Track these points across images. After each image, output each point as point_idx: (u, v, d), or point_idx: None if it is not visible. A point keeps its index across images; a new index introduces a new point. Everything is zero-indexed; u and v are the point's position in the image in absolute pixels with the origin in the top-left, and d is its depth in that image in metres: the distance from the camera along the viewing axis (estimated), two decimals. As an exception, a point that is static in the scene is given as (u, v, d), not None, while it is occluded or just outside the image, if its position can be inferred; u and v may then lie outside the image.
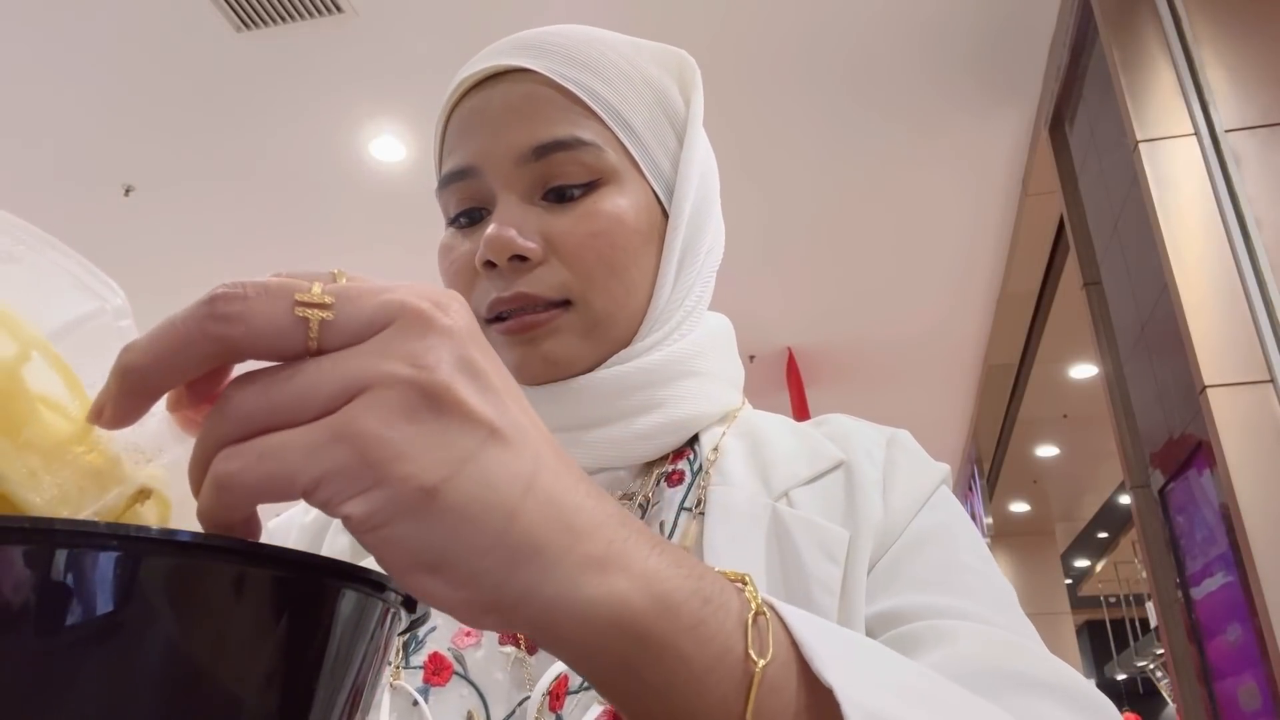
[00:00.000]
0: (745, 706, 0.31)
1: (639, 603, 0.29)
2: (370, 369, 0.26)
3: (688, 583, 0.31)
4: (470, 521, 0.27)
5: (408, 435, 0.26)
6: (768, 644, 0.31)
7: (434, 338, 0.27)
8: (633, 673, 0.30)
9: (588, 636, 0.29)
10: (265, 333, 0.26)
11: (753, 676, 0.31)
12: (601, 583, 0.28)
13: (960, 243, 4.26)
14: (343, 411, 0.26)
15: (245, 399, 0.26)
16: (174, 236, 4.21)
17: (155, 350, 0.26)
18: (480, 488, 0.27)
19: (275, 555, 0.26)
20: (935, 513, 0.55)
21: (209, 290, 0.26)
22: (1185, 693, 2.47)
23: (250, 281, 0.27)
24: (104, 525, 0.24)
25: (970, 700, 0.37)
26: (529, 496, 0.28)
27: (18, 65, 3.24)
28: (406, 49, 3.16)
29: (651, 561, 0.30)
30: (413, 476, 0.26)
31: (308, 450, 0.25)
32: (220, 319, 0.26)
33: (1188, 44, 2.34)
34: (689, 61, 0.65)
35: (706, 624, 0.31)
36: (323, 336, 0.27)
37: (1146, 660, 8.41)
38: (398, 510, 0.26)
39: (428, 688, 0.53)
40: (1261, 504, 1.98)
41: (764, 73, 3.25)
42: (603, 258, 0.56)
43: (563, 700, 0.50)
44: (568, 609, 0.28)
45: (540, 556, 0.28)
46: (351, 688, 0.29)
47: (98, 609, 0.24)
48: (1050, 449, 6.40)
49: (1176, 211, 2.26)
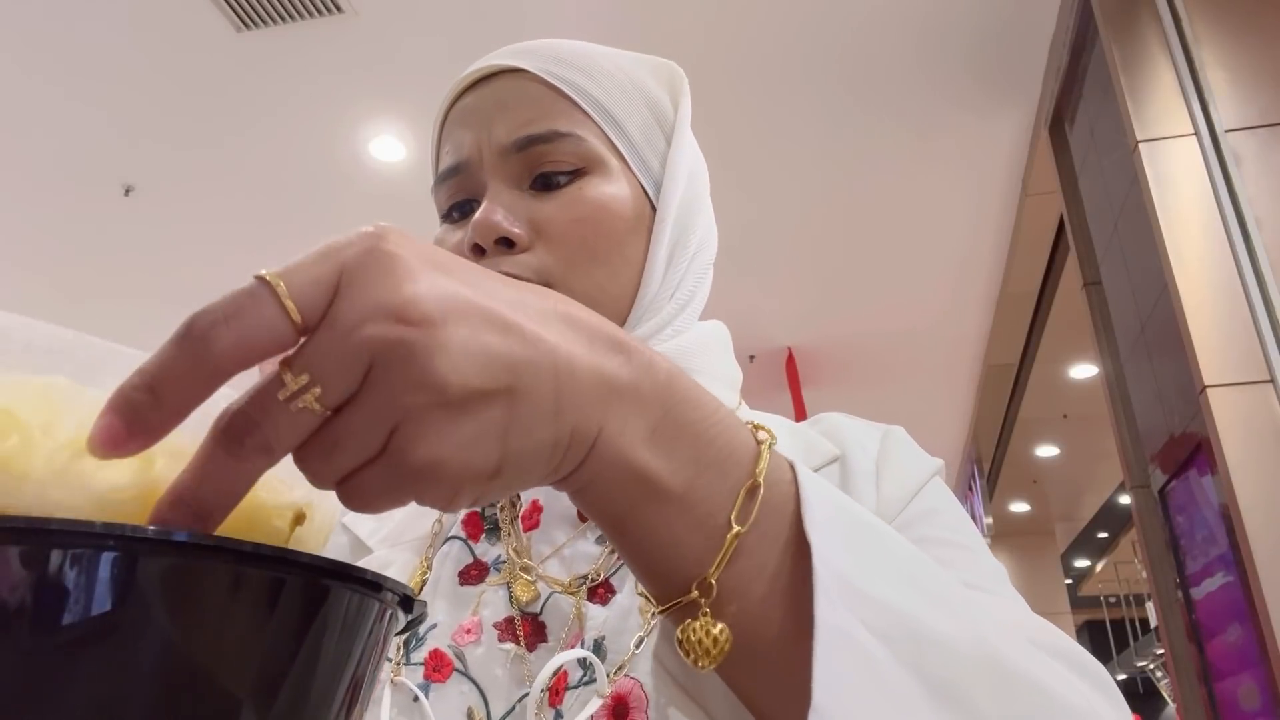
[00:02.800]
0: (712, 567, 0.34)
1: (645, 462, 0.34)
2: (392, 410, 0.28)
3: (688, 450, 0.34)
4: (528, 464, 0.31)
5: (455, 447, 0.29)
6: (752, 514, 0.34)
7: (419, 358, 0.28)
8: (628, 523, 0.34)
9: (607, 487, 0.34)
10: (264, 341, 0.27)
11: (725, 541, 0.34)
12: (621, 443, 0.33)
13: (960, 242, 4.26)
14: (393, 450, 0.29)
15: (319, 468, 0.29)
16: (174, 236, 4.21)
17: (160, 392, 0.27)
18: (524, 442, 0.31)
19: (272, 555, 0.26)
20: (927, 500, 0.55)
21: (180, 326, 0.27)
22: (1185, 693, 2.47)
23: (212, 305, 0.27)
24: (100, 525, 0.24)
25: (969, 597, 0.38)
26: (559, 418, 0.31)
27: (18, 65, 3.23)
28: (406, 49, 3.16)
29: (660, 426, 0.34)
30: (479, 472, 0.30)
31: (392, 486, 0.29)
32: (219, 354, 0.27)
33: (1188, 44, 2.34)
34: (678, 71, 0.67)
35: (696, 489, 0.34)
36: (304, 317, 0.28)
37: (1146, 660, 8.41)
38: (481, 493, 0.31)
39: (428, 684, 0.53)
40: (1261, 504, 1.98)
41: (762, 72, 3.25)
42: (585, 242, 0.57)
43: (562, 696, 0.50)
44: (595, 468, 0.33)
45: (579, 446, 0.32)
46: (348, 687, 0.29)
47: (94, 609, 0.24)
48: (1050, 449, 6.39)
49: (1176, 211, 2.26)
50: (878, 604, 0.34)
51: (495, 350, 0.30)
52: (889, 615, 0.34)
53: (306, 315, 0.27)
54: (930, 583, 0.37)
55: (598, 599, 0.54)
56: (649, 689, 0.48)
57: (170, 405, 0.27)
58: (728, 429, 0.36)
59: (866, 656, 0.32)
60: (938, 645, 0.34)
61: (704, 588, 0.34)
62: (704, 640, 0.34)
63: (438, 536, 0.61)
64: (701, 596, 0.34)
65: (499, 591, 0.56)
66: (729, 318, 0.67)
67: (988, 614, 0.37)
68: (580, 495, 0.35)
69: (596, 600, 0.54)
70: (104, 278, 4.51)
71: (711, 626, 0.34)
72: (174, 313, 0.27)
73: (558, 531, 0.58)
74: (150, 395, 0.26)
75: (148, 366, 0.27)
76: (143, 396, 0.26)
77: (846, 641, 0.32)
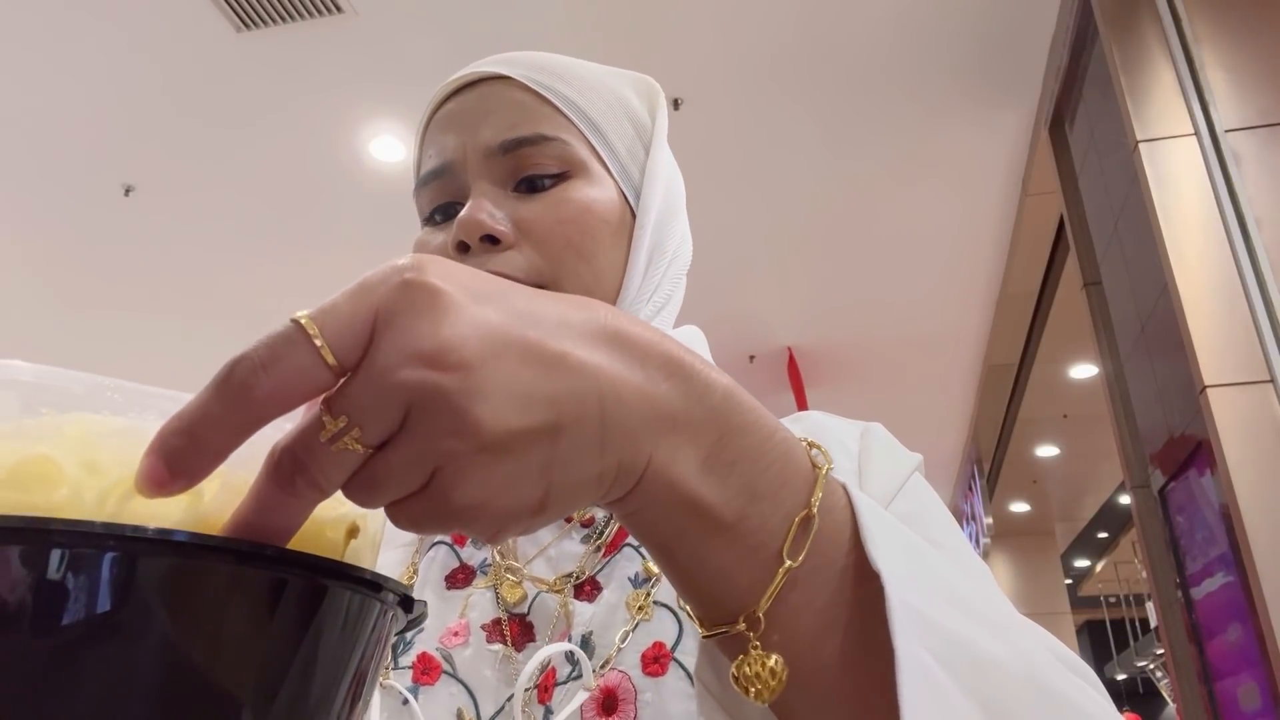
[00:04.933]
0: (761, 601, 0.33)
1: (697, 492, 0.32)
2: (432, 454, 0.28)
3: (741, 478, 0.33)
4: (573, 497, 0.31)
5: (493, 490, 0.29)
6: (804, 547, 0.33)
7: (458, 405, 0.28)
8: (678, 550, 0.33)
9: (657, 515, 0.33)
10: (300, 387, 0.27)
11: (776, 576, 0.33)
12: (673, 474, 0.32)
13: (960, 242, 4.26)
14: (434, 491, 0.29)
15: (365, 500, 0.29)
16: (174, 236, 4.21)
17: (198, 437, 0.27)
18: (570, 476, 0.30)
19: (272, 555, 0.26)
20: (908, 500, 0.55)
21: (219, 373, 0.27)
22: (1185, 693, 2.47)
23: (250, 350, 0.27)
24: (100, 525, 0.24)
25: (1016, 620, 0.38)
26: (605, 451, 0.31)
27: (18, 65, 3.23)
28: (406, 49, 3.16)
29: (713, 455, 0.33)
30: (522, 510, 0.30)
31: (437, 523, 0.30)
32: (257, 402, 0.27)
33: (1188, 44, 2.34)
34: (654, 85, 0.67)
35: (748, 519, 0.33)
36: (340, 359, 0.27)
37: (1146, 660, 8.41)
38: (527, 527, 0.31)
39: (417, 687, 0.53)
40: (1261, 504, 1.98)
41: (762, 71, 3.25)
42: (571, 243, 0.57)
43: (551, 692, 0.51)
44: (645, 499, 0.32)
45: (627, 477, 0.32)
46: (349, 687, 0.29)
47: (95, 609, 0.24)
48: (1050, 449, 6.39)
49: (1176, 211, 2.26)
50: (941, 631, 0.33)
51: (536, 388, 0.29)
52: (950, 642, 0.33)
53: (342, 358, 0.27)
54: (975, 602, 0.36)
55: (584, 596, 0.54)
56: (636, 681, 0.48)
57: (209, 450, 0.27)
58: (783, 455, 0.34)
59: (938, 686, 0.32)
60: (993, 670, 0.34)
61: (752, 621, 0.33)
62: (761, 674, 0.33)
63: (424, 541, 0.61)
64: (749, 629, 0.33)
65: (486, 593, 0.56)
66: (729, 318, 0.68)
67: (1021, 631, 0.37)
68: (628, 520, 0.34)
69: (583, 598, 0.54)
70: (103, 278, 4.51)
71: (766, 659, 0.33)
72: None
73: (543, 531, 0.58)
74: (189, 440, 0.26)
75: (185, 411, 0.27)
76: (182, 442, 0.26)
77: (924, 673, 0.32)
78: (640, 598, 0.52)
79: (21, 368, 0.29)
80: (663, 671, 0.49)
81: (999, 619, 0.37)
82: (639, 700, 0.48)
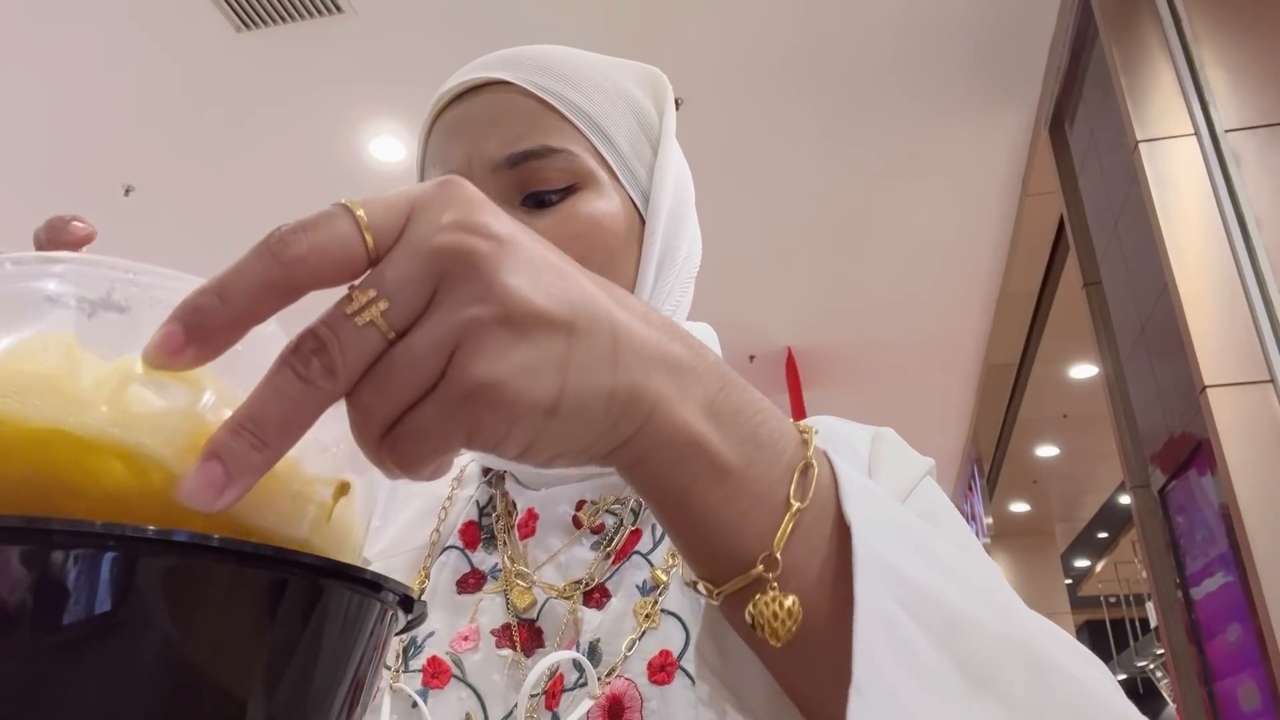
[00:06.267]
0: (775, 541, 0.34)
1: (705, 434, 0.33)
2: (455, 325, 0.28)
3: (744, 427, 0.35)
4: (585, 409, 0.31)
5: (512, 369, 0.29)
6: (809, 491, 0.35)
7: (487, 268, 0.29)
8: (688, 499, 0.34)
9: (667, 460, 0.33)
10: (336, 257, 0.28)
11: (787, 516, 0.34)
12: (682, 413, 0.33)
13: (960, 242, 4.26)
14: (452, 372, 0.28)
15: (372, 403, 0.28)
16: (174, 236, 4.21)
17: (228, 296, 0.27)
18: (583, 382, 0.30)
19: (271, 555, 0.26)
20: (919, 502, 0.55)
21: (267, 236, 0.28)
22: (1185, 693, 2.47)
23: (299, 220, 0.28)
24: (100, 525, 0.24)
25: (995, 583, 0.38)
26: (617, 370, 0.31)
27: (18, 65, 3.23)
28: (406, 49, 3.16)
29: (717, 402, 0.34)
30: (536, 403, 0.29)
31: (447, 419, 0.29)
32: (291, 260, 0.27)
33: (1188, 44, 2.34)
34: (661, 78, 0.66)
35: (755, 466, 0.34)
36: (376, 242, 0.28)
37: (1146, 660, 8.41)
38: (536, 434, 0.30)
39: (426, 690, 0.53)
40: (1261, 504, 1.98)
41: (765, 71, 3.25)
42: (583, 260, 0.57)
43: (559, 698, 0.51)
44: (655, 438, 0.33)
45: (637, 405, 0.32)
46: (349, 687, 0.29)
47: (95, 609, 0.24)
48: (1050, 449, 6.39)
49: (1176, 211, 2.26)
50: (913, 586, 0.34)
51: (557, 286, 0.30)
52: (924, 598, 0.34)
53: (379, 237, 0.28)
54: (959, 567, 0.37)
55: (593, 604, 0.54)
56: (642, 689, 0.48)
57: (235, 312, 0.27)
58: (774, 416, 0.36)
59: (904, 639, 0.33)
60: (971, 629, 0.34)
61: (769, 562, 0.34)
62: (779, 613, 0.33)
63: (435, 546, 0.61)
64: (768, 571, 0.34)
65: (496, 599, 0.57)
66: (729, 318, 0.67)
67: (1010, 600, 0.38)
68: (639, 468, 0.34)
69: (592, 605, 0.54)
70: (104, 278, 4.50)
71: (783, 599, 0.34)
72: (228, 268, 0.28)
73: (553, 538, 0.58)
74: (217, 299, 0.27)
75: (220, 274, 0.27)
76: (209, 301, 0.27)
77: (885, 622, 0.33)
78: (648, 605, 0.52)
79: None
80: (669, 680, 0.49)
81: (982, 585, 0.37)
82: (644, 708, 0.48)
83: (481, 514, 0.63)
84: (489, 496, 0.63)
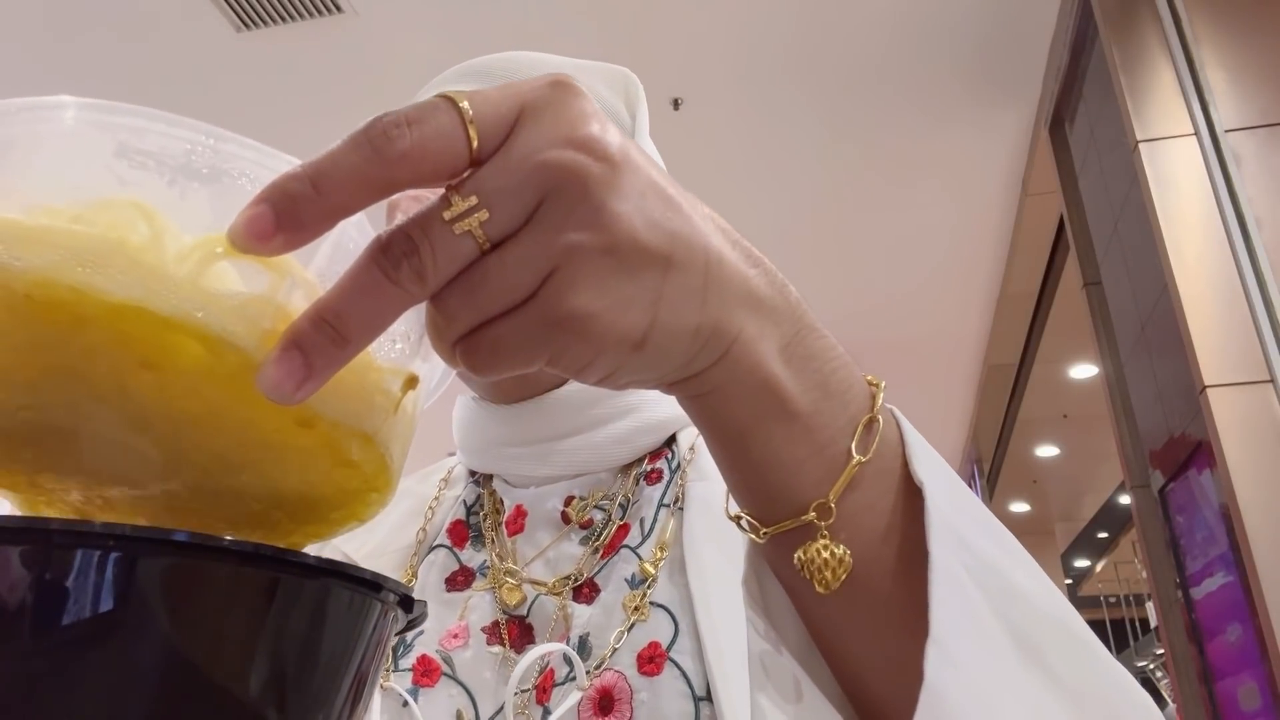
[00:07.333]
0: (831, 491, 0.34)
1: (778, 376, 0.33)
2: (557, 249, 0.27)
3: (816, 374, 0.35)
4: (671, 343, 0.31)
5: (608, 302, 0.28)
6: (871, 446, 0.35)
7: (597, 193, 0.27)
8: (750, 437, 0.34)
9: (735, 396, 0.33)
10: (438, 154, 0.26)
11: (846, 468, 0.34)
12: (759, 351, 0.33)
13: (960, 242, 4.26)
14: (545, 295, 0.27)
15: (458, 310, 0.27)
16: (174, 236, 4.21)
17: (323, 186, 0.26)
18: (672, 317, 0.30)
19: (272, 555, 0.26)
20: None
21: (367, 126, 0.26)
22: (1185, 693, 2.47)
23: (401, 111, 0.26)
24: (99, 525, 0.24)
25: (1031, 562, 0.39)
26: (706, 306, 0.31)
27: (17, 65, 3.23)
28: (406, 49, 3.16)
29: (793, 344, 0.34)
30: (625, 337, 0.29)
31: (531, 339, 0.28)
32: (395, 157, 0.26)
33: (1188, 44, 2.34)
34: (631, 77, 0.66)
35: (821, 414, 0.34)
36: (482, 143, 0.27)
37: (1146, 660, 8.40)
38: (619, 365, 0.30)
39: (417, 689, 0.53)
40: (1261, 504, 1.98)
41: (764, 72, 3.25)
42: None
43: (550, 693, 0.51)
44: (729, 374, 0.33)
45: (718, 341, 0.32)
46: (350, 687, 0.29)
47: (95, 609, 0.24)
48: (1050, 449, 6.39)
49: (1176, 211, 2.26)
50: (976, 552, 0.34)
51: (661, 216, 0.29)
52: (985, 565, 0.34)
53: (484, 137, 0.27)
54: (1008, 542, 0.38)
55: (583, 598, 0.55)
56: (632, 681, 0.49)
57: (328, 203, 0.25)
58: (846, 365, 0.36)
59: (969, 600, 0.33)
60: (1022, 601, 0.35)
61: (823, 510, 0.34)
62: (829, 560, 0.34)
63: (422, 545, 0.61)
64: (821, 519, 0.34)
65: (485, 596, 0.57)
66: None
67: (1050, 581, 0.39)
68: (706, 399, 0.34)
69: (581, 600, 0.55)
70: (104, 278, 4.51)
71: (834, 546, 0.34)
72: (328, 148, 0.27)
73: (542, 534, 0.58)
74: (311, 187, 0.25)
75: (314, 159, 0.26)
76: (302, 187, 0.25)
77: (956, 583, 0.33)
78: (636, 598, 0.52)
79: None
80: (658, 671, 0.49)
81: (1029, 560, 0.38)
82: (634, 700, 0.48)
83: (469, 513, 0.63)
84: (476, 495, 0.64)
